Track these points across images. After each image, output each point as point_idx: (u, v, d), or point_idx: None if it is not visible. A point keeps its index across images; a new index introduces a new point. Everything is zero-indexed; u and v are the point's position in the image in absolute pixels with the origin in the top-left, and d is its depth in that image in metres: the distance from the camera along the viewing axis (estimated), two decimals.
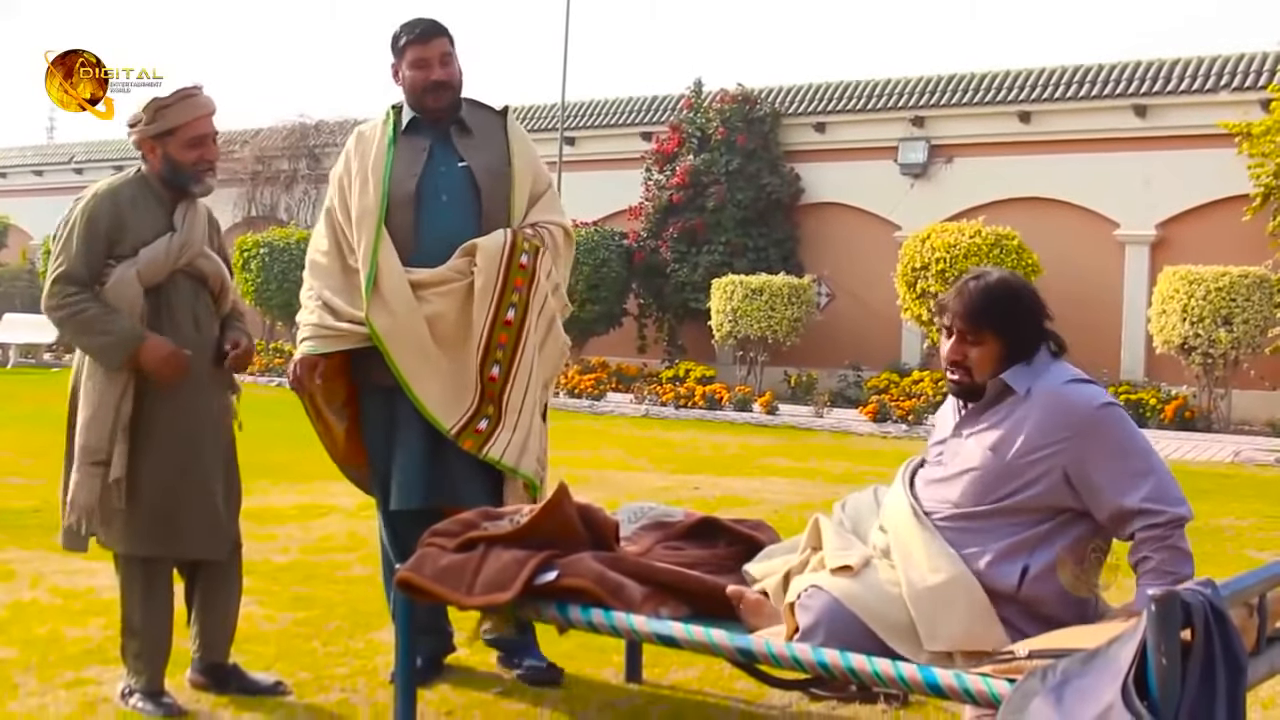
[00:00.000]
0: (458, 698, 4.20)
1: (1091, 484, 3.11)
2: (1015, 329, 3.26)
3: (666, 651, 4.23)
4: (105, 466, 3.91)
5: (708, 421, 15.46)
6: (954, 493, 3.25)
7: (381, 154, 4.41)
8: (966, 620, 3.07)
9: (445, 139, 4.43)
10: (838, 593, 3.14)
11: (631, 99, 22.05)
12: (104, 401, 3.92)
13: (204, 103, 4.11)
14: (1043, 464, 3.14)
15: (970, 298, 3.27)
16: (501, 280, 4.23)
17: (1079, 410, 3.16)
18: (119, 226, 4.00)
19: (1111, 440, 3.14)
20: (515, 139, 4.49)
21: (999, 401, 3.27)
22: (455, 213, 4.34)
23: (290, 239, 22.35)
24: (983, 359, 3.26)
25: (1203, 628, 2.41)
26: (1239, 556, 6.99)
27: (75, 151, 29.67)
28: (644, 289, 19.83)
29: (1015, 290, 3.30)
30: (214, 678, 4.18)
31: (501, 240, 4.26)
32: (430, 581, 3.57)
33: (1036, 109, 17.90)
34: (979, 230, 15.98)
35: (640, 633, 3.34)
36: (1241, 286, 14.39)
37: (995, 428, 3.23)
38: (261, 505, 7.88)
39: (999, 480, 3.18)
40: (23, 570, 5.88)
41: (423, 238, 4.33)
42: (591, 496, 4.32)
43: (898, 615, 3.10)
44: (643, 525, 3.97)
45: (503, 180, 4.41)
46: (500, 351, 4.24)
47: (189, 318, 4.10)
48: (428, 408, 4.22)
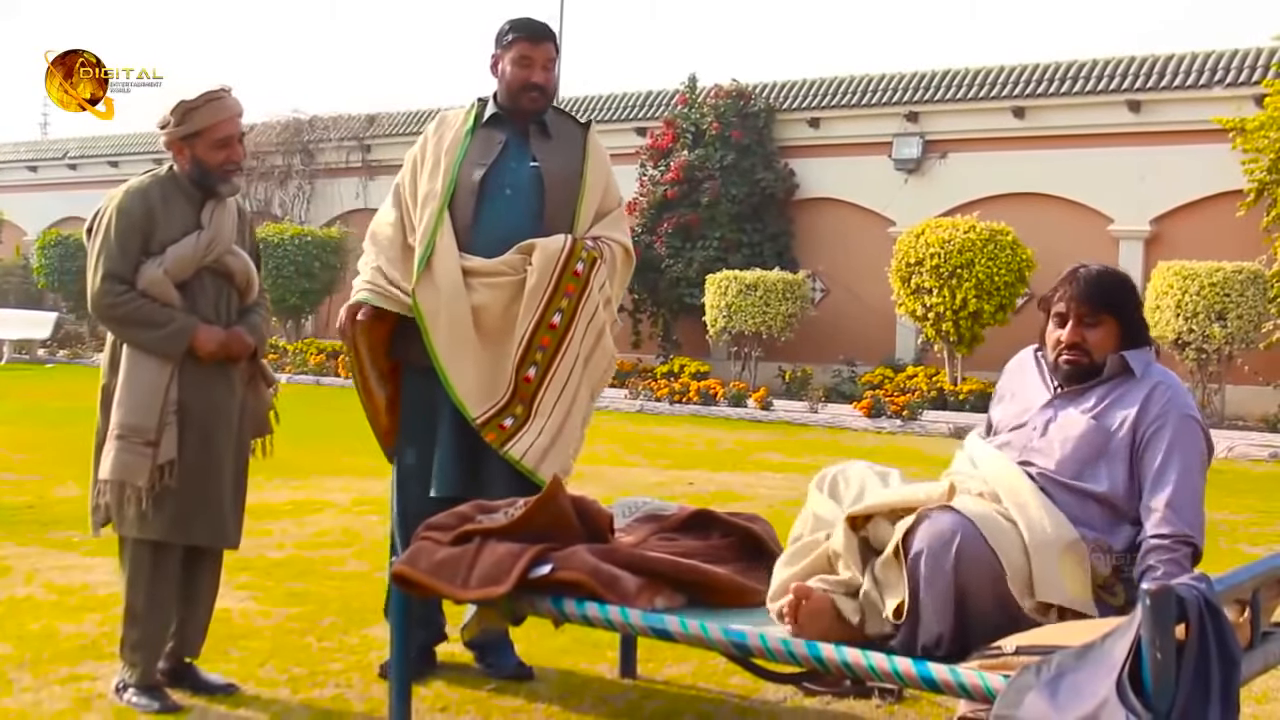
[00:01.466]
0: (452, 693, 4.20)
1: (1141, 469, 3.20)
2: (1129, 312, 3.42)
3: (661, 646, 4.23)
4: (155, 447, 3.97)
5: (702, 417, 15.46)
6: (1050, 461, 3.28)
7: (458, 141, 4.45)
8: (1081, 581, 3.09)
9: (523, 137, 4.46)
10: (970, 513, 3.03)
11: (626, 94, 22.05)
12: (155, 385, 3.99)
13: (230, 105, 4.16)
14: (1130, 446, 3.23)
15: (1087, 283, 3.42)
16: (554, 283, 4.25)
17: (1180, 406, 3.27)
18: (150, 224, 4.06)
19: (1182, 445, 3.21)
20: (593, 152, 4.52)
21: (1105, 381, 3.36)
22: (517, 209, 4.37)
23: (284, 235, 22.35)
24: (1102, 340, 3.38)
25: (1197, 623, 2.42)
26: (1233, 552, 7.01)
27: (69, 147, 29.64)
28: (638, 284, 19.82)
29: (1124, 277, 3.49)
30: (173, 675, 4.19)
31: (561, 244, 4.28)
32: (426, 575, 3.57)
33: (1031, 104, 17.92)
34: (973, 226, 16.00)
35: (635, 627, 3.34)
36: (1235, 282, 14.41)
37: (1105, 403, 3.31)
38: (256, 500, 7.82)
39: (1099, 454, 3.24)
40: (17, 566, 5.88)
41: (481, 229, 4.36)
42: (586, 492, 4.32)
43: (1015, 554, 3.04)
44: (637, 518, 3.97)
45: (572, 188, 4.43)
46: (540, 354, 4.25)
47: (213, 314, 4.15)
48: (457, 392, 4.24)
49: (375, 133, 24.67)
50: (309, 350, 21.09)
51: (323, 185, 25.21)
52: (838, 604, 3.10)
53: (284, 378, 17.78)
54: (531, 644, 4.59)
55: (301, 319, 23.36)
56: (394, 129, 24.25)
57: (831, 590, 3.12)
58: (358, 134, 24.80)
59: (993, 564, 2.98)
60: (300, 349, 21.31)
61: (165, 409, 3.99)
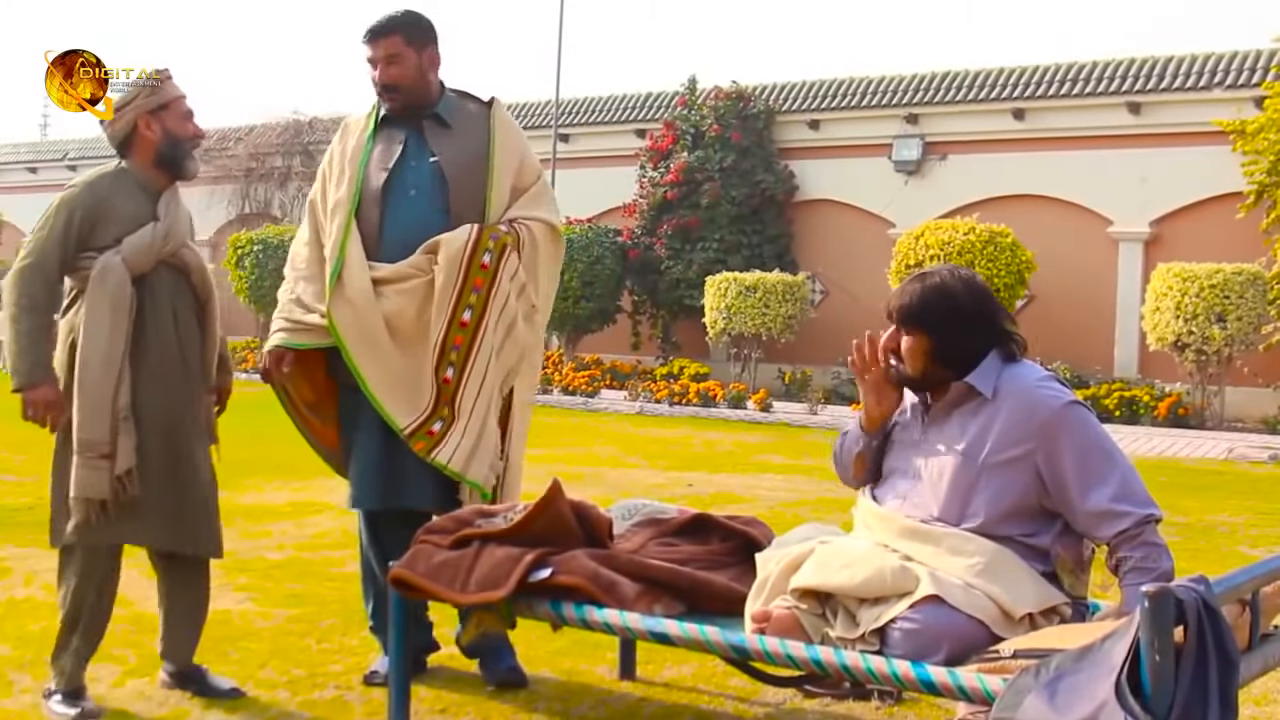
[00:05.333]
0: (451, 695, 4.20)
1: (1061, 483, 3.13)
2: (944, 330, 3.28)
3: (660, 649, 4.23)
4: (110, 459, 3.90)
5: (702, 418, 15.46)
6: (933, 505, 3.24)
7: (360, 147, 4.36)
8: (1029, 582, 3.08)
9: (420, 133, 4.35)
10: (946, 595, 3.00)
11: (626, 96, 22.05)
12: (101, 394, 3.90)
13: (179, 85, 4.16)
14: (1016, 465, 3.16)
15: (901, 293, 3.35)
16: (461, 279, 4.13)
17: (1046, 409, 3.17)
18: (95, 218, 3.99)
19: (1078, 440, 3.15)
20: (499, 130, 4.36)
21: (963, 404, 3.28)
22: (422, 208, 4.26)
23: (284, 236, 22.31)
24: (910, 350, 3.31)
25: (1195, 624, 2.42)
26: (1232, 553, 7.01)
27: (69, 148, 29.62)
28: (638, 286, 19.84)
29: (950, 293, 3.30)
30: (179, 678, 4.18)
31: (465, 238, 4.15)
32: (424, 579, 3.57)
33: (1030, 106, 17.92)
34: (973, 228, 16.00)
35: (634, 630, 3.35)
36: (1235, 284, 14.42)
37: (963, 431, 3.25)
38: (255, 502, 7.87)
39: (974, 485, 3.19)
40: (17, 567, 5.88)
41: (388, 233, 4.26)
42: (585, 494, 4.32)
43: (990, 608, 3.01)
44: (636, 522, 3.96)
45: (477, 174, 4.29)
46: (455, 353, 4.14)
47: (168, 309, 4.08)
48: (383, 405, 4.17)
49: None
50: None
51: None
52: (802, 620, 3.12)
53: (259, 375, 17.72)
54: (530, 646, 4.59)
55: None
56: None
57: (793, 607, 3.15)
58: None
59: (977, 632, 2.97)
60: None
61: (116, 416, 3.91)
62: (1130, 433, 13.62)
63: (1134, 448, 12.07)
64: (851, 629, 3.03)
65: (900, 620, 2.97)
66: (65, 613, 4.02)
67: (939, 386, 3.33)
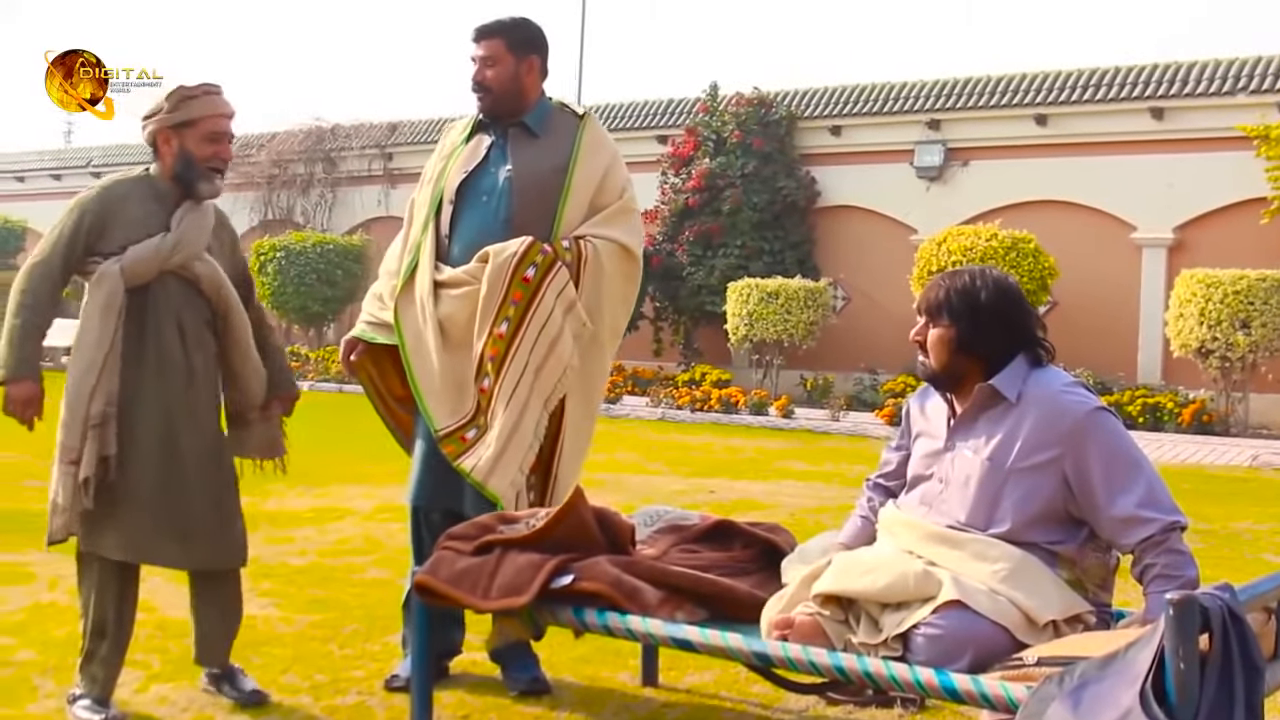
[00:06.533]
0: (473, 700, 4.20)
1: (1088, 489, 3.12)
2: (964, 319, 3.29)
3: (682, 655, 4.23)
4: (76, 465, 3.88)
5: (723, 425, 15.46)
6: (959, 510, 3.24)
7: (451, 150, 4.43)
8: (1053, 589, 3.07)
9: (505, 140, 4.36)
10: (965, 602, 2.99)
11: (647, 102, 22.07)
12: (78, 397, 3.91)
13: (225, 102, 4.12)
14: (1043, 471, 3.15)
15: (932, 288, 3.39)
16: (504, 291, 4.12)
17: (1073, 415, 3.16)
18: (105, 222, 4.00)
19: (1104, 446, 3.14)
20: (585, 146, 4.31)
21: (989, 409, 3.28)
22: (487, 215, 4.27)
23: (307, 243, 22.44)
24: (934, 343, 3.34)
25: (1220, 632, 2.41)
26: (1256, 561, 6.97)
27: (93, 155, 29.76)
28: (660, 292, 19.82)
29: (974, 285, 3.32)
30: (215, 680, 4.20)
31: (513, 249, 4.13)
32: (447, 585, 3.57)
33: (1053, 112, 17.87)
34: (995, 233, 15.96)
35: (656, 636, 3.35)
36: (1259, 290, 14.33)
37: (990, 436, 3.24)
38: (278, 508, 7.90)
39: (1001, 490, 3.18)
40: (42, 572, 5.91)
41: (457, 237, 4.31)
42: (607, 500, 4.32)
43: (1014, 615, 3.01)
44: (658, 529, 3.96)
45: (551, 187, 4.26)
46: (490, 364, 4.14)
47: (172, 320, 4.04)
48: (426, 405, 4.22)
49: (397, 141, 24.73)
50: (330, 358, 21.12)
51: (345, 193, 25.28)
52: (824, 627, 3.12)
53: (306, 385, 17.79)
54: (553, 652, 4.59)
55: (323, 326, 23.41)
56: (415, 137, 24.30)
57: (816, 613, 3.15)
58: (379, 142, 24.88)
59: (1000, 638, 2.95)
60: (322, 356, 21.36)
61: (87, 422, 3.88)
62: (1154, 440, 13.56)
63: (1158, 455, 12.02)
64: (874, 634, 3.03)
65: (923, 626, 2.96)
66: (87, 622, 4.03)
67: (964, 383, 3.32)
